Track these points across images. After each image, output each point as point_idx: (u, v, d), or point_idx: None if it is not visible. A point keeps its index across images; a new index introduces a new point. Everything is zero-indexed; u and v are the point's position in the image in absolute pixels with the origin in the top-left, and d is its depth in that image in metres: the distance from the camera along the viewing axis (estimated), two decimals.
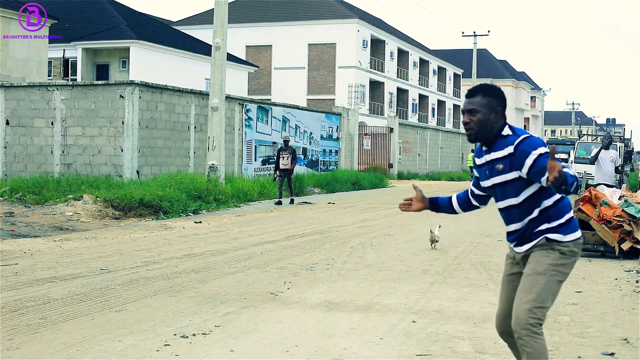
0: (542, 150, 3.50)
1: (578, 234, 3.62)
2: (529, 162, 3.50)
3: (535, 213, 3.62)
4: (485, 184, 3.81)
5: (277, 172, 18.58)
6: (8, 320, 5.78)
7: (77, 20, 37.70)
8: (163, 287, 7.28)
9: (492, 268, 8.81)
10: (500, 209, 3.78)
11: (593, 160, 13.49)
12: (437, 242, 10.66)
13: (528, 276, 3.60)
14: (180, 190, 16.10)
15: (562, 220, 3.60)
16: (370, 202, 20.30)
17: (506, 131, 3.66)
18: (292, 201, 18.72)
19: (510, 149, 3.58)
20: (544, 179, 3.44)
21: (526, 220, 3.65)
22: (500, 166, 3.63)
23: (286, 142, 18.80)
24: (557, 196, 3.60)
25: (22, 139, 19.43)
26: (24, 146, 19.41)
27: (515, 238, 3.72)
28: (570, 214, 3.63)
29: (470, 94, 3.74)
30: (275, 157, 19.22)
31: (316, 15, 51.09)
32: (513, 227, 3.72)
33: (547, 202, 3.60)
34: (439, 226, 10.97)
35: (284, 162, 18.36)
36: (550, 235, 3.59)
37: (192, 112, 20.66)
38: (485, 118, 3.66)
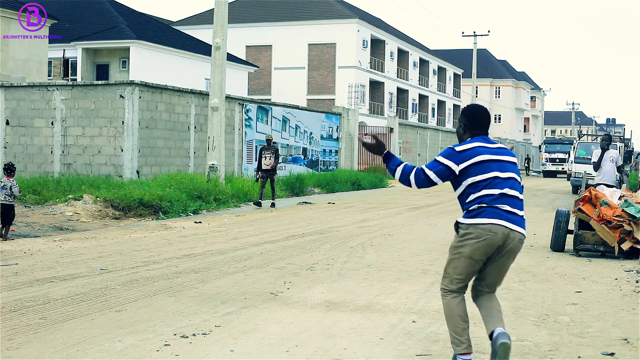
0: (436, 157, 4.62)
1: (481, 220, 4.42)
2: None
3: (461, 206, 4.62)
4: None
5: (260, 172, 17.52)
6: (8, 320, 5.78)
7: (77, 20, 37.69)
8: (163, 287, 7.28)
9: None
10: None
11: (597, 167, 13.44)
12: None
13: None
14: (180, 190, 16.10)
15: (469, 209, 4.49)
16: (370, 202, 20.30)
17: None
18: (272, 204, 17.50)
19: None
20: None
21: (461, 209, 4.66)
22: None
23: (269, 141, 17.75)
24: (471, 197, 4.49)
25: (22, 139, 19.43)
26: (24, 146, 19.41)
27: None
28: (477, 207, 4.44)
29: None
30: (257, 157, 18.06)
31: (316, 15, 51.08)
32: None
33: (464, 202, 4.56)
34: None
35: (267, 162, 17.34)
36: (458, 219, 4.58)
37: (192, 112, 20.66)
38: (457, 130, 4.82)
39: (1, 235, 10.71)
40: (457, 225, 4.54)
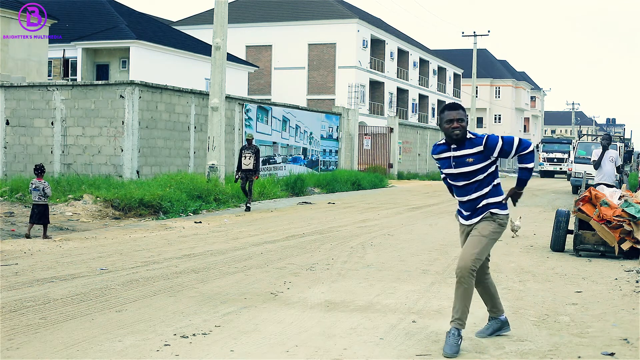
0: (503, 136, 5.15)
1: (507, 211, 5.31)
2: (498, 147, 5.13)
3: (486, 190, 5.21)
4: (450, 171, 5.30)
5: (239, 172, 16.73)
6: (8, 320, 5.78)
7: (77, 20, 37.69)
8: (163, 287, 7.28)
9: (491, 267, 8.79)
10: (458, 187, 5.32)
11: (597, 165, 13.45)
12: (516, 231, 12.02)
13: (474, 237, 5.22)
14: (180, 190, 16.10)
15: (500, 199, 5.24)
16: (370, 202, 20.30)
17: (469, 135, 5.19)
18: (247, 208, 16.46)
19: (480, 148, 5.14)
20: (511, 154, 5.17)
21: (477, 194, 5.22)
22: (471, 159, 5.17)
23: (249, 140, 16.97)
24: (496, 182, 5.25)
25: (22, 139, 19.44)
26: (24, 146, 19.41)
27: (467, 209, 5.31)
28: (503, 196, 5.28)
29: (454, 107, 5.19)
30: (238, 157, 17.29)
31: (316, 15, 51.08)
32: (466, 198, 5.29)
33: (490, 183, 5.21)
34: (520, 217, 12.38)
35: (246, 162, 16.60)
36: (493, 210, 5.22)
37: (192, 112, 20.66)
38: (466, 124, 5.19)
39: (44, 235, 11.02)
40: (494, 215, 5.21)
